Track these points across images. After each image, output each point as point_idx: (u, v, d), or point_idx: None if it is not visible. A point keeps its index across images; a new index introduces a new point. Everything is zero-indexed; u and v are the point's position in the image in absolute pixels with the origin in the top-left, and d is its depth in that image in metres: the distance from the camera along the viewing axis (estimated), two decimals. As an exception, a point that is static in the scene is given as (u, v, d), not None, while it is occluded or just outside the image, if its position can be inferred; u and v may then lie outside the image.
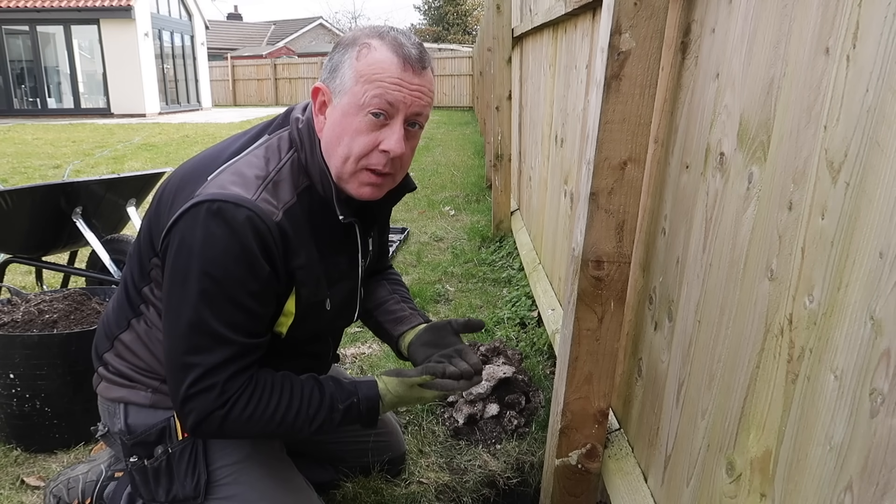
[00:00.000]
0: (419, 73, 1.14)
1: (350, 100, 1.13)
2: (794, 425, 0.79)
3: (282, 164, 1.20)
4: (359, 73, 1.12)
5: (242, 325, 1.15)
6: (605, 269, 1.32)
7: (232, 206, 1.10)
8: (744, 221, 0.96)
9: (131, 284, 1.31)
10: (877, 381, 0.65)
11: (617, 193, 1.26)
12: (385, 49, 1.13)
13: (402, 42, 1.14)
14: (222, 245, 1.10)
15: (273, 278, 1.16)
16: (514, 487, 1.86)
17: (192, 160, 1.28)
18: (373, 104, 1.12)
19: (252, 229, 1.11)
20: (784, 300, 0.83)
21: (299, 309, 1.25)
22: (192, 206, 1.12)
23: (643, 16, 1.14)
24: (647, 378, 1.40)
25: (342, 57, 1.16)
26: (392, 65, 1.12)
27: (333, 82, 1.16)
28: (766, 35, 0.92)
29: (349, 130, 1.14)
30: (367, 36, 1.15)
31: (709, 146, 1.10)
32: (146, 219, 1.28)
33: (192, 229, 1.11)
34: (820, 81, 0.78)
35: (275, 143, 1.23)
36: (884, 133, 0.66)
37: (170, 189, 1.24)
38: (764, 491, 0.85)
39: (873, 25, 0.69)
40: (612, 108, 1.20)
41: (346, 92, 1.14)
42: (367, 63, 1.12)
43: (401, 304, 1.55)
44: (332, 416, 1.23)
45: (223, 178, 1.16)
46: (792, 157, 0.83)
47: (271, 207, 1.15)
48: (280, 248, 1.15)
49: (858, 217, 0.69)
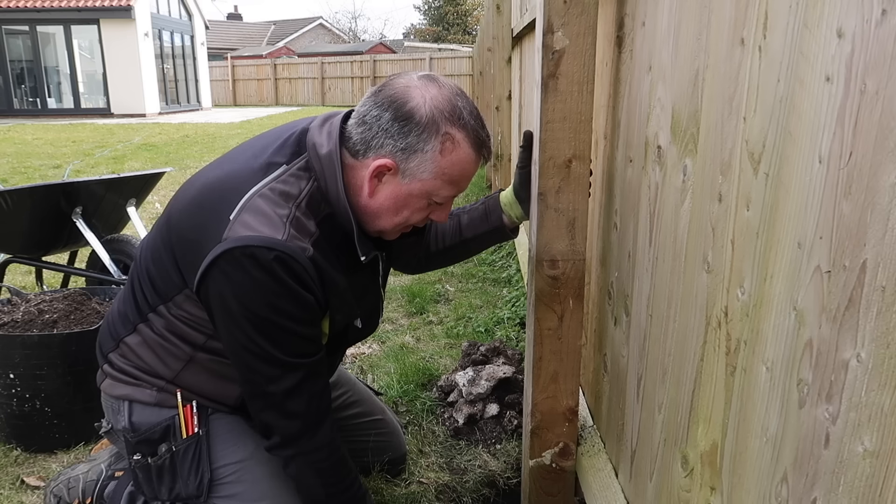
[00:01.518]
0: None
1: (423, 187, 1.16)
2: (735, 417, 0.79)
3: (302, 198, 1.18)
4: (441, 170, 1.15)
5: (310, 350, 1.22)
6: (561, 268, 1.32)
7: (266, 251, 1.10)
8: (682, 214, 0.96)
9: (140, 294, 1.30)
10: (802, 372, 0.64)
11: (565, 192, 1.26)
12: (468, 146, 1.15)
13: (479, 133, 1.17)
14: (263, 287, 1.12)
15: (316, 304, 1.20)
16: (514, 487, 1.85)
17: (206, 183, 1.24)
18: (443, 198, 1.19)
19: (289, 271, 1.12)
20: (720, 292, 0.83)
21: (332, 330, 1.29)
22: (223, 252, 1.11)
23: (574, 13, 1.14)
24: (611, 373, 1.40)
25: (423, 144, 1.13)
26: (471, 164, 1.17)
27: (407, 163, 1.14)
28: (689, 27, 0.92)
29: (411, 207, 1.20)
30: (447, 122, 1.13)
31: (647, 139, 1.10)
32: (165, 238, 1.25)
33: (229, 278, 1.12)
34: (738, 72, 0.78)
35: (292, 176, 1.20)
36: (794, 123, 0.66)
37: (188, 217, 1.21)
38: (714, 484, 0.85)
39: (780, 15, 0.69)
40: (552, 107, 1.20)
41: (422, 180, 1.16)
42: (450, 162, 1.15)
43: (468, 213, 1.56)
44: None
45: (248, 218, 1.13)
46: (718, 148, 0.83)
47: (301, 244, 1.15)
48: (317, 280, 1.17)
49: (778, 207, 0.69)
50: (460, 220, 1.55)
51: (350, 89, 23.22)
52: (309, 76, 24.02)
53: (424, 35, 37.17)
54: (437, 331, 2.90)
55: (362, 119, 1.16)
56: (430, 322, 3.02)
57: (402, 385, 2.30)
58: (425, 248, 1.58)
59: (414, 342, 2.77)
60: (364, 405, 1.72)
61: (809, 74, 0.63)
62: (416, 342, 2.77)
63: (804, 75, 0.64)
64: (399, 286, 3.46)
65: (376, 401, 1.76)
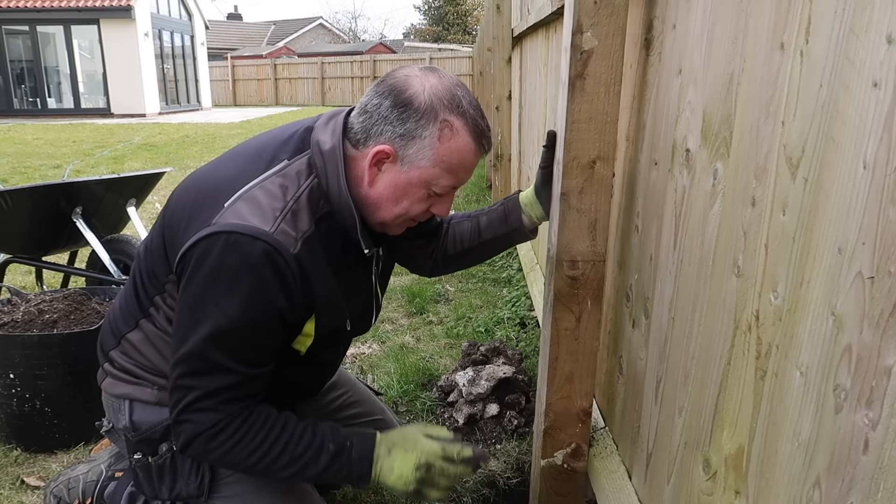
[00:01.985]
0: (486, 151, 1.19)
1: (422, 175, 1.14)
2: (764, 422, 0.79)
3: (300, 193, 1.17)
4: (439, 158, 1.13)
5: (247, 357, 1.15)
6: (580, 269, 1.32)
7: (249, 240, 1.08)
8: (711, 218, 0.96)
9: (141, 287, 1.29)
10: (840, 377, 0.64)
11: (587, 192, 1.26)
12: (466, 134, 1.13)
13: (479, 122, 1.15)
14: (237, 278, 1.09)
15: (288, 311, 1.15)
16: (514, 487, 1.86)
17: (207, 173, 1.25)
18: (442, 188, 1.17)
19: (269, 264, 1.09)
20: (751, 296, 0.83)
21: (319, 331, 1.25)
22: (208, 234, 1.10)
23: (604, 14, 1.14)
24: (627, 375, 1.40)
25: (421, 131, 1.12)
26: (472, 153, 1.15)
27: (405, 150, 1.13)
28: (724, 30, 0.92)
29: (411, 197, 1.17)
30: (446, 109, 1.12)
31: (675, 143, 1.10)
32: (159, 226, 1.26)
33: (207, 259, 1.09)
34: (776, 77, 0.78)
35: (293, 170, 1.19)
36: (838, 128, 0.66)
37: (183, 203, 1.21)
38: (738, 488, 0.85)
39: (824, 20, 0.69)
40: (578, 107, 1.20)
41: (420, 168, 1.14)
42: (449, 150, 1.13)
43: (486, 214, 1.54)
44: (320, 458, 1.19)
45: (241, 206, 1.12)
46: (753, 152, 0.83)
47: (290, 239, 1.12)
48: (298, 281, 1.14)
49: (817, 213, 0.69)
50: (479, 222, 1.54)
51: (350, 89, 23.25)
52: (309, 76, 24.03)
53: (424, 35, 37.17)
54: (437, 331, 2.90)
55: (364, 108, 1.16)
56: (430, 322, 3.02)
57: (402, 385, 2.30)
58: (443, 251, 1.58)
59: (414, 342, 2.77)
60: (364, 405, 1.70)
61: (855, 80, 0.63)
62: (416, 342, 2.77)
63: (849, 80, 0.64)
64: (399, 286, 3.46)
65: (376, 401, 1.74)
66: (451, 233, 1.57)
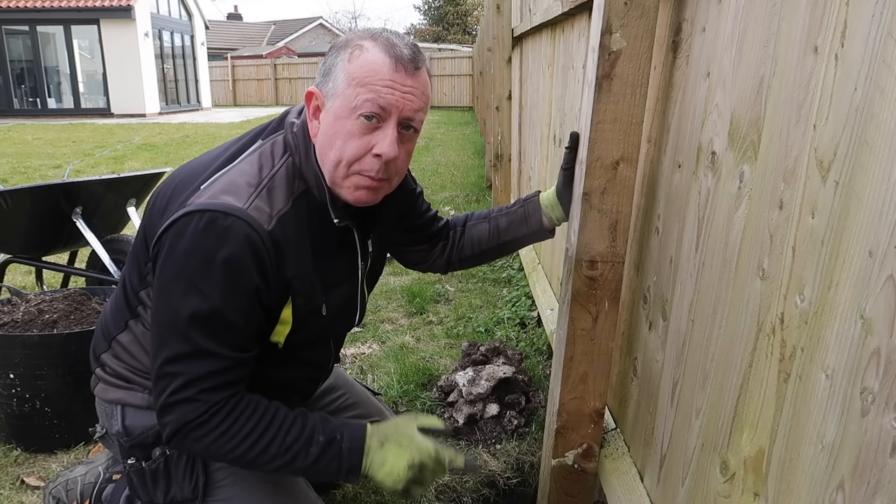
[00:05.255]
0: (412, 74, 1.12)
1: (342, 103, 1.12)
2: (786, 424, 0.79)
3: (276, 170, 1.18)
4: (350, 76, 1.11)
5: (228, 338, 1.13)
6: (599, 269, 1.32)
7: (222, 216, 1.08)
8: (735, 220, 0.96)
9: (129, 287, 1.30)
10: (867, 381, 0.64)
11: (610, 193, 1.26)
12: (377, 50, 1.11)
13: (395, 42, 1.12)
14: (211, 257, 1.08)
15: (263, 290, 1.14)
16: (514, 487, 1.86)
17: (188, 165, 1.27)
18: (364, 107, 1.10)
19: (243, 239, 1.09)
20: (776, 299, 0.83)
21: (296, 317, 1.23)
22: (183, 214, 1.10)
23: (634, 15, 1.14)
24: (642, 377, 1.40)
25: (335, 60, 1.14)
26: (384, 66, 1.10)
27: (326, 86, 1.15)
28: (755, 34, 0.92)
29: (341, 134, 1.12)
30: (359, 38, 1.14)
31: (700, 145, 1.10)
32: (142, 223, 1.27)
33: (181, 238, 1.09)
34: (809, 80, 0.78)
35: (268, 149, 1.21)
36: (872, 132, 0.66)
37: (163, 194, 1.23)
38: (757, 490, 0.85)
39: (861, 24, 0.69)
40: (604, 108, 1.20)
41: (339, 95, 1.12)
42: (358, 65, 1.11)
43: (506, 215, 1.53)
44: (310, 449, 1.16)
45: (215, 186, 1.14)
46: (782, 156, 0.83)
47: (264, 216, 1.12)
48: (273, 258, 1.13)
49: (848, 216, 0.69)
50: (498, 224, 1.55)
51: (350, 89, 23.29)
52: (309, 76, 23.97)
53: (424, 35, 37.12)
54: (437, 331, 2.90)
55: None
56: (430, 322, 3.02)
57: (402, 385, 2.31)
58: (459, 253, 1.58)
59: (414, 342, 2.77)
60: (362, 407, 1.68)
61: (892, 84, 0.63)
62: (416, 342, 2.77)
63: (885, 84, 0.64)
64: (399, 286, 3.47)
65: (375, 402, 1.72)
66: (468, 235, 1.58)
